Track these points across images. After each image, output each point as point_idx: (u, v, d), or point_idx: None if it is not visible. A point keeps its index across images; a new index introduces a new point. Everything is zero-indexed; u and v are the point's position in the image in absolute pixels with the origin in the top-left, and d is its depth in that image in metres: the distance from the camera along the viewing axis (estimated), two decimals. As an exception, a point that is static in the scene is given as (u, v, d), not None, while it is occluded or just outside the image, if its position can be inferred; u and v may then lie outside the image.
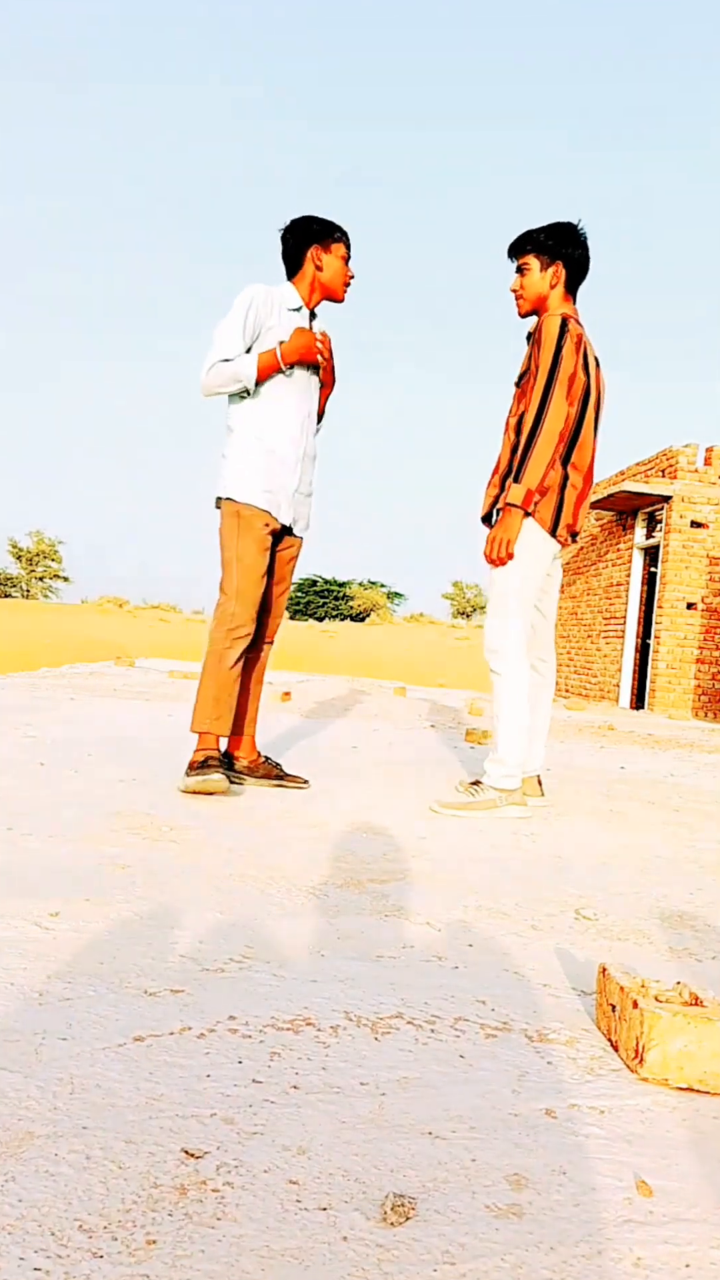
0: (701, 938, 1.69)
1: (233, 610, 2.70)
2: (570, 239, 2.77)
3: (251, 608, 2.72)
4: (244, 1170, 0.84)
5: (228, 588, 2.73)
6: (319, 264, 2.77)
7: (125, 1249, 0.72)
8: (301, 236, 2.77)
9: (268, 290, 2.72)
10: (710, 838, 2.65)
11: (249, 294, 2.67)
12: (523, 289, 2.83)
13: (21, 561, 56.32)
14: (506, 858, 2.21)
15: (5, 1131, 0.87)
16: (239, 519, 2.73)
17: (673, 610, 12.15)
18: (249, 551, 2.72)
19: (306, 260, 2.77)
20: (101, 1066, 1.02)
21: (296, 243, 2.78)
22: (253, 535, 2.73)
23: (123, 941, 1.41)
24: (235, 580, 2.72)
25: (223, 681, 2.70)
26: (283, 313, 2.73)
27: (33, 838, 2.00)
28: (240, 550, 2.72)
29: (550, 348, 2.65)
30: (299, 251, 2.78)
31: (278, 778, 2.88)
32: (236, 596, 2.71)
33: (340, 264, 2.80)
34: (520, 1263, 0.74)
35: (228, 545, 2.74)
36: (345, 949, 1.47)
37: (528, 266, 2.80)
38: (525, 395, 2.76)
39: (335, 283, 2.81)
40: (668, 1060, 1.07)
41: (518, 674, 2.78)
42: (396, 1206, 0.78)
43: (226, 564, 2.74)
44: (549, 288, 2.80)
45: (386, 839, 2.29)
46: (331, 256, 2.78)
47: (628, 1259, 0.76)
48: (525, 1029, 1.22)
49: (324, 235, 2.77)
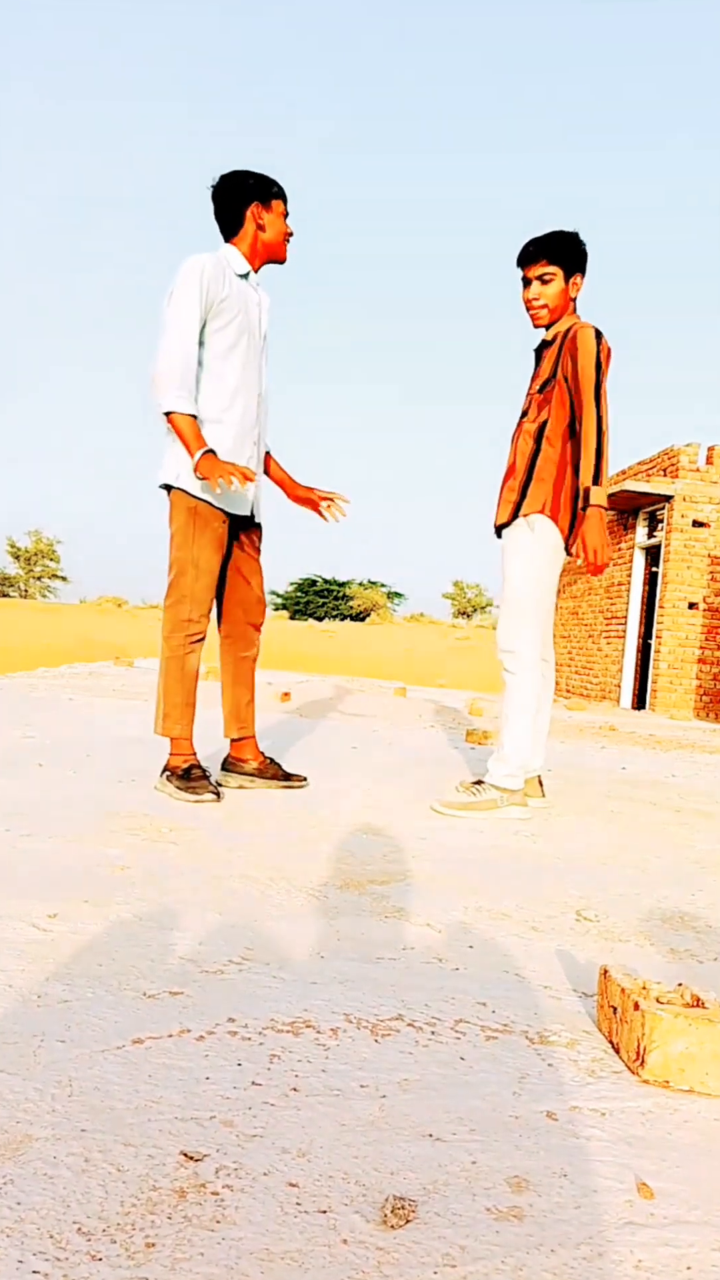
0: (703, 939, 1.69)
1: (188, 615, 2.62)
2: (583, 250, 2.75)
3: (206, 609, 2.66)
4: (243, 1173, 0.84)
5: (182, 589, 2.62)
6: (260, 223, 2.63)
7: (124, 1252, 0.72)
8: (239, 194, 2.60)
9: (214, 260, 2.56)
10: (711, 838, 2.64)
11: (197, 268, 2.50)
12: (544, 298, 2.75)
13: (20, 561, 56.34)
14: (507, 859, 2.21)
15: (4, 1134, 0.87)
16: (195, 517, 2.61)
17: (674, 610, 12.14)
18: (205, 554, 2.62)
19: (246, 219, 2.62)
20: (100, 1069, 1.01)
21: (233, 201, 2.61)
22: (210, 535, 2.62)
23: (122, 943, 1.41)
24: (190, 583, 2.62)
25: (189, 686, 2.66)
26: (232, 279, 2.59)
27: (32, 838, 2.00)
28: (197, 554, 2.61)
29: (591, 356, 2.61)
30: (238, 211, 2.61)
31: (284, 778, 2.88)
32: (191, 600, 2.63)
33: (281, 222, 2.66)
34: (521, 1265, 0.74)
35: (182, 545, 2.62)
36: (345, 950, 1.47)
37: (551, 276, 2.73)
38: (548, 403, 2.74)
39: (279, 243, 2.68)
40: (669, 1062, 1.07)
41: (532, 676, 2.78)
42: (397, 1209, 0.78)
43: (181, 566, 2.62)
44: (569, 299, 2.77)
45: (386, 840, 2.28)
46: (273, 215, 2.64)
47: (629, 1261, 0.76)
48: (526, 1031, 1.21)
49: (263, 192, 2.62)
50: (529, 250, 2.75)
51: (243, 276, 2.64)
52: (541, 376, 2.80)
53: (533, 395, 2.83)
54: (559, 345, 2.72)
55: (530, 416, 2.81)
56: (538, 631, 2.80)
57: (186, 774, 2.60)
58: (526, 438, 2.80)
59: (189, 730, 2.67)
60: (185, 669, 2.65)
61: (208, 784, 2.58)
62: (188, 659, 2.65)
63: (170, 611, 2.65)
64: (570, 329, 2.71)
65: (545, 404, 2.76)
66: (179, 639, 2.63)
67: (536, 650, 2.79)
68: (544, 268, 2.73)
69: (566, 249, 2.73)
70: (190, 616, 2.63)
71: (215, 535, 2.64)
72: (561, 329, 2.76)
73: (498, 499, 2.90)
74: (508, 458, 2.88)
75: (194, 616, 2.64)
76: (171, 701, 2.65)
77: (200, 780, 2.59)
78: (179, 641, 2.63)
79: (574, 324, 2.71)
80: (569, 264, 2.74)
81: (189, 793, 2.55)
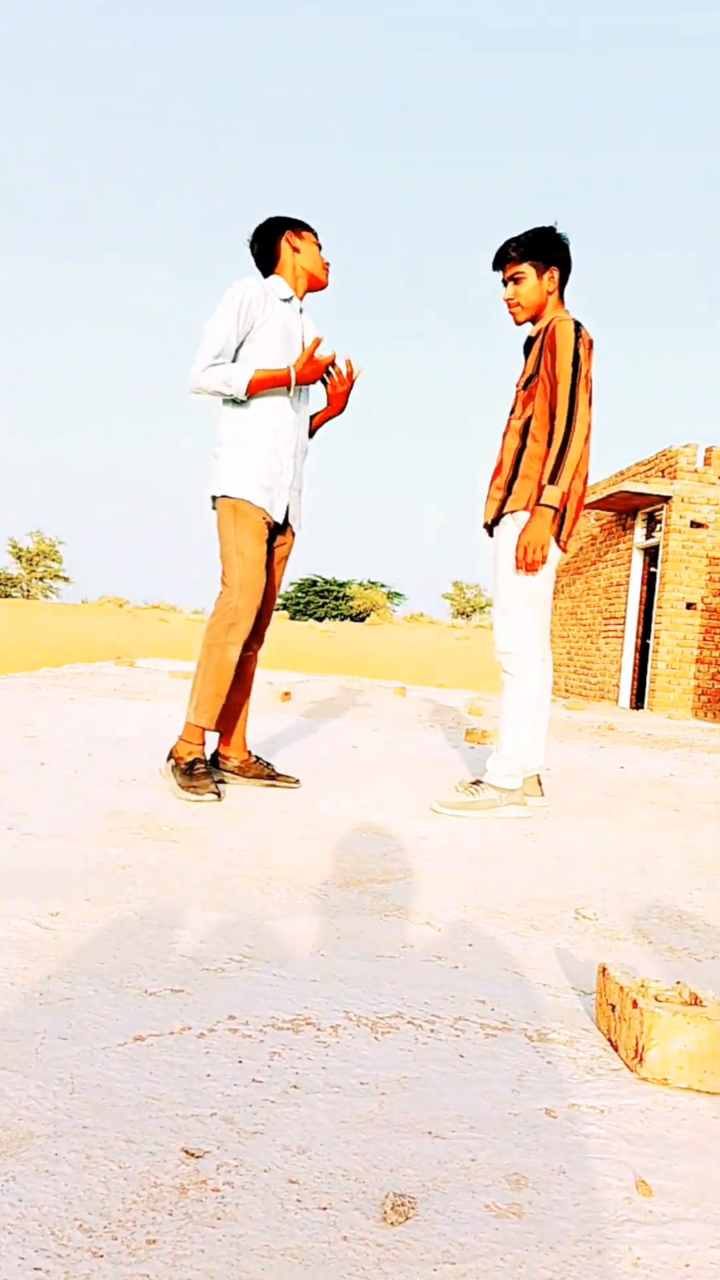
0: (701, 937, 1.69)
1: (236, 603, 2.67)
2: (558, 242, 2.76)
3: (255, 600, 2.69)
4: (244, 1170, 0.84)
5: (230, 580, 2.70)
6: (295, 247, 2.74)
7: (125, 1248, 0.72)
8: (272, 231, 2.74)
9: (260, 284, 2.68)
10: (710, 838, 2.65)
11: (242, 288, 2.63)
12: (519, 297, 2.79)
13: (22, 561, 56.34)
14: (506, 857, 2.21)
15: (6, 1131, 0.87)
16: (236, 512, 2.70)
17: (672, 610, 12.15)
18: (249, 544, 2.69)
19: (281, 249, 2.74)
20: (102, 1066, 1.02)
21: (268, 239, 2.75)
22: (251, 527, 2.70)
23: (123, 941, 1.41)
24: (238, 572, 2.68)
25: (224, 676, 2.68)
26: (276, 304, 2.70)
27: (33, 838, 2.00)
28: (240, 543, 2.69)
29: (568, 351, 2.62)
30: (272, 245, 2.75)
31: (269, 777, 2.88)
32: (240, 588, 2.68)
33: (315, 250, 2.77)
34: (520, 1262, 0.74)
35: (227, 539, 2.71)
36: (345, 949, 1.47)
37: (522, 275, 2.77)
38: (532, 399, 2.74)
39: (316, 267, 2.78)
40: (667, 1060, 1.07)
41: (532, 677, 2.78)
42: (396, 1206, 0.79)
43: (227, 557, 2.71)
44: (546, 294, 2.78)
45: (387, 839, 2.29)
46: (305, 243, 2.75)
47: (627, 1258, 0.76)
48: (525, 1029, 1.22)
49: (294, 225, 2.75)
50: (499, 252, 2.80)
51: (286, 301, 2.73)
52: (526, 372, 2.81)
53: (519, 391, 2.84)
54: (541, 341, 2.74)
55: (516, 413, 2.82)
56: (534, 630, 2.80)
57: (190, 768, 2.61)
58: (513, 434, 2.81)
59: (212, 722, 2.70)
60: (225, 658, 2.68)
61: (209, 782, 2.59)
62: (229, 648, 2.68)
63: (219, 602, 2.71)
64: (550, 323, 2.72)
65: (530, 400, 2.77)
66: (222, 627, 2.67)
67: (535, 649, 2.79)
68: (514, 268, 2.78)
69: (534, 246, 2.75)
70: (236, 604, 2.67)
71: (257, 529, 2.71)
72: (544, 324, 2.77)
73: (486, 497, 2.90)
74: (497, 455, 2.88)
75: (240, 605, 2.67)
76: (207, 692, 2.69)
77: (202, 778, 2.59)
78: (221, 629, 2.67)
79: (555, 318, 2.72)
80: (540, 259, 2.75)
81: (190, 791, 2.55)
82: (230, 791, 2.75)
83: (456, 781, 3.05)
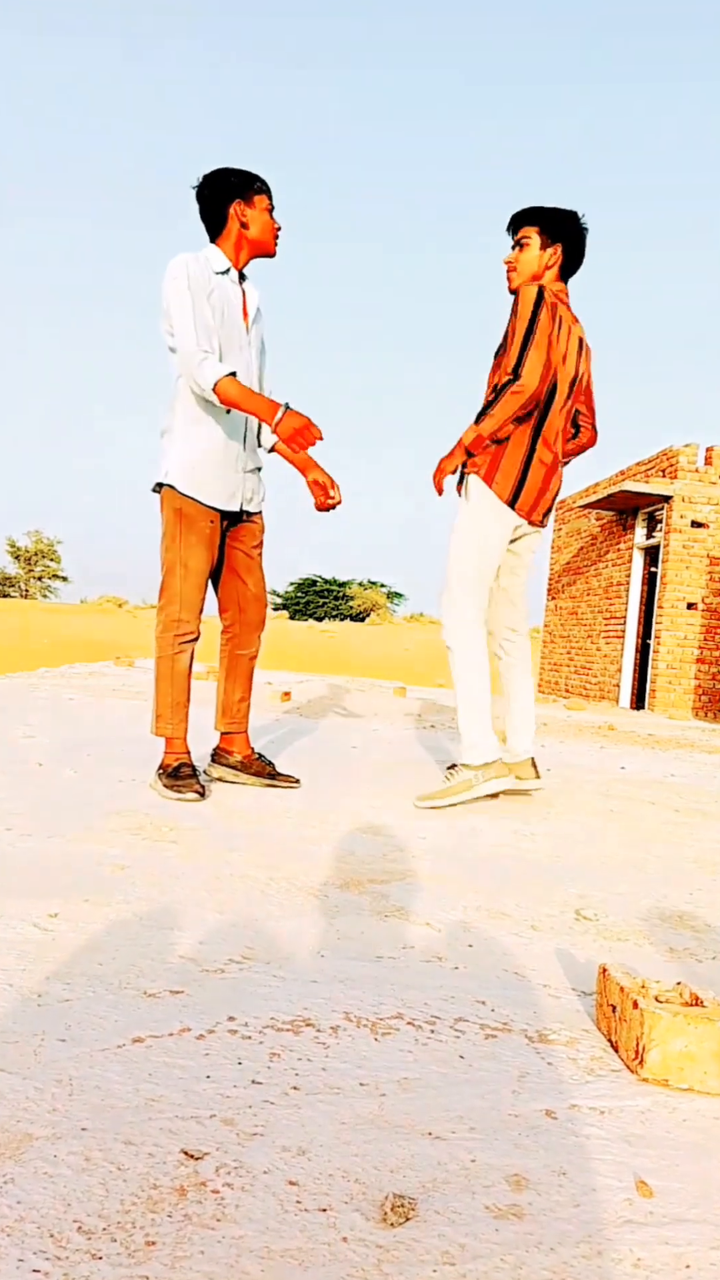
0: (701, 938, 1.69)
1: (177, 616, 2.64)
2: (574, 224, 2.74)
3: (196, 609, 2.67)
4: (243, 1171, 0.84)
5: (171, 591, 2.64)
6: (244, 220, 2.64)
7: (124, 1250, 0.72)
8: (220, 193, 2.62)
9: (195, 258, 2.58)
10: (710, 838, 2.65)
11: (182, 269, 2.52)
12: (517, 261, 2.76)
13: (20, 561, 56.32)
14: (506, 858, 2.21)
15: (4, 1133, 0.87)
16: (181, 518, 2.62)
17: (673, 610, 12.15)
18: (193, 555, 2.63)
19: (230, 218, 2.64)
20: (101, 1068, 1.01)
21: (216, 200, 2.62)
22: (197, 535, 2.63)
23: (122, 942, 1.41)
24: (178, 585, 2.63)
25: (180, 686, 2.68)
26: (211, 277, 2.60)
27: (32, 838, 2.00)
28: (184, 554, 2.63)
29: (527, 313, 2.59)
30: (220, 209, 2.62)
31: (270, 776, 2.88)
32: (180, 601, 2.64)
33: (266, 217, 2.67)
34: (520, 1263, 0.74)
35: (170, 546, 2.64)
36: (345, 949, 1.47)
37: (527, 241, 2.74)
38: (499, 367, 2.71)
39: (265, 237, 2.68)
40: (668, 1061, 1.07)
41: (471, 651, 2.75)
42: (396, 1207, 0.78)
43: (169, 567, 2.64)
44: (544, 267, 2.75)
45: (386, 839, 2.28)
46: (256, 210, 2.65)
47: (628, 1260, 0.76)
48: (525, 1029, 1.22)
49: (244, 189, 2.62)
50: (513, 216, 2.78)
51: (223, 273, 2.65)
52: (500, 342, 2.79)
53: (493, 360, 2.82)
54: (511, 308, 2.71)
55: (488, 383, 2.81)
56: (475, 604, 2.75)
57: (175, 772, 2.62)
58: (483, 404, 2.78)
59: (180, 730, 2.69)
60: (175, 669, 2.67)
61: (193, 782, 2.59)
62: (178, 659, 2.67)
63: (161, 613, 2.69)
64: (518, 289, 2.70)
65: (498, 368, 2.75)
66: (169, 639, 2.66)
67: (476, 624, 2.75)
68: (522, 233, 2.76)
69: (546, 218, 2.73)
70: (179, 617, 2.65)
71: (203, 535, 2.65)
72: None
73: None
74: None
75: (183, 617, 2.65)
76: (163, 703, 2.69)
77: (187, 778, 2.59)
78: (169, 642, 2.66)
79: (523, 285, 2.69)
80: (548, 231, 2.73)
81: (173, 790, 2.56)
82: (230, 792, 2.75)
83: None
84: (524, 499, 2.74)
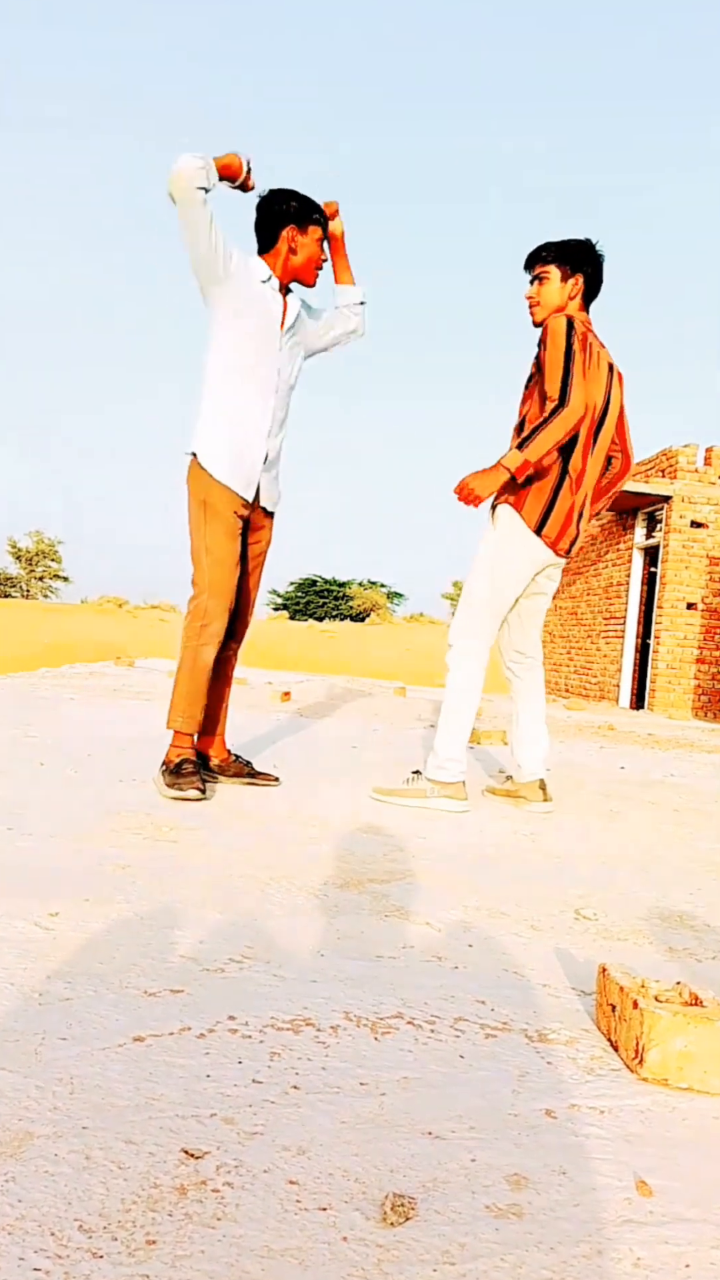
0: (701, 938, 1.69)
1: (205, 605, 2.66)
2: (591, 254, 2.79)
3: (225, 600, 2.68)
4: (244, 1170, 0.84)
5: (199, 580, 2.67)
6: (293, 247, 2.69)
7: (125, 1249, 0.72)
8: (278, 215, 2.67)
9: (244, 255, 2.65)
10: (710, 838, 2.65)
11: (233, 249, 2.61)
12: (539, 296, 2.80)
13: (21, 561, 56.33)
14: (506, 858, 2.21)
15: (5, 1132, 0.87)
16: (205, 508, 2.66)
17: (673, 610, 12.14)
18: (218, 542, 2.66)
19: (281, 240, 2.69)
20: (101, 1067, 1.02)
21: (271, 219, 2.68)
22: (221, 523, 2.66)
23: (123, 941, 1.41)
24: (207, 573, 2.66)
25: (198, 679, 2.68)
26: (253, 283, 2.66)
27: (32, 838, 2.00)
28: (209, 541, 2.66)
29: (561, 342, 2.63)
30: (273, 230, 2.68)
31: (249, 775, 2.88)
32: (209, 590, 2.66)
33: (315, 248, 2.72)
34: (520, 1263, 0.74)
35: (197, 537, 2.68)
36: (345, 949, 1.47)
37: (547, 276, 2.79)
38: (531, 398, 2.77)
39: (307, 268, 2.74)
40: (668, 1060, 1.07)
41: (467, 677, 2.80)
42: (396, 1206, 0.78)
43: (196, 557, 2.69)
44: (567, 299, 2.79)
45: (386, 839, 2.29)
46: (307, 239, 2.70)
47: (628, 1259, 0.76)
48: (525, 1029, 1.22)
49: (301, 217, 2.68)
50: (530, 254, 2.83)
51: (264, 281, 2.70)
52: (530, 371, 2.83)
53: (524, 390, 2.85)
54: (539, 340, 2.76)
55: (520, 411, 2.84)
56: (486, 631, 2.81)
57: (178, 769, 2.61)
58: (513, 434, 2.84)
59: (191, 725, 2.69)
60: (198, 661, 2.67)
61: (194, 779, 2.57)
62: (201, 650, 2.67)
63: (191, 601, 2.70)
64: (546, 321, 2.73)
65: (528, 399, 2.80)
66: (194, 629, 2.67)
67: (481, 651, 2.81)
68: (540, 269, 2.81)
69: (564, 251, 2.77)
70: (206, 606, 2.67)
71: (227, 525, 2.68)
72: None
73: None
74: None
75: (209, 606, 2.67)
76: (179, 692, 2.70)
77: (189, 776, 2.58)
78: (194, 632, 2.67)
79: (551, 316, 2.72)
80: (566, 264, 2.77)
81: (173, 788, 2.56)
82: (231, 792, 2.75)
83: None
84: (550, 527, 2.77)
